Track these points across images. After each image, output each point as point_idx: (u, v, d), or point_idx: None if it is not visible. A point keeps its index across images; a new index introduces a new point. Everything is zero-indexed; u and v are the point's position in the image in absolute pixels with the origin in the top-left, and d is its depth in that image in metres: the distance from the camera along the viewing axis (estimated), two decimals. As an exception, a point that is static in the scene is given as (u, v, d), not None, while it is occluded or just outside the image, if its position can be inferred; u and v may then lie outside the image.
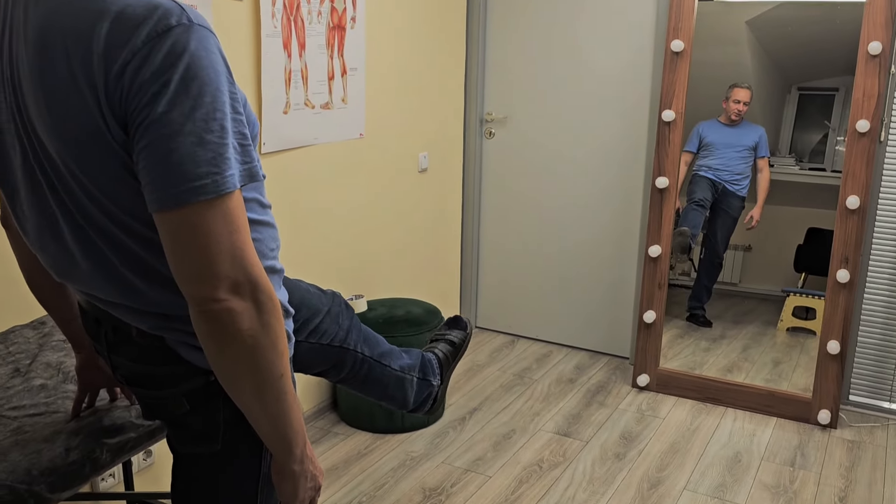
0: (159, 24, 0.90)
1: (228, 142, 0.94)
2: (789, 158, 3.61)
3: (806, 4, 3.29)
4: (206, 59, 0.92)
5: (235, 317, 0.95)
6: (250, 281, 0.96)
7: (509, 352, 3.80)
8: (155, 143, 0.91)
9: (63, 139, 0.96)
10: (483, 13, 3.71)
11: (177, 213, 0.92)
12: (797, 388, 3.25)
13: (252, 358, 0.98)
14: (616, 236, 3.65)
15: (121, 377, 1.19)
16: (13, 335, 1.81)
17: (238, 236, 0.95)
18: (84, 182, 0.98)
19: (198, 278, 0.94)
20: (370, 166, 3.18)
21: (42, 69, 0.94)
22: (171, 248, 0.94)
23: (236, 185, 0.95)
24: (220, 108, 0.93)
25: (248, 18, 2.47)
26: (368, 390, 1.69)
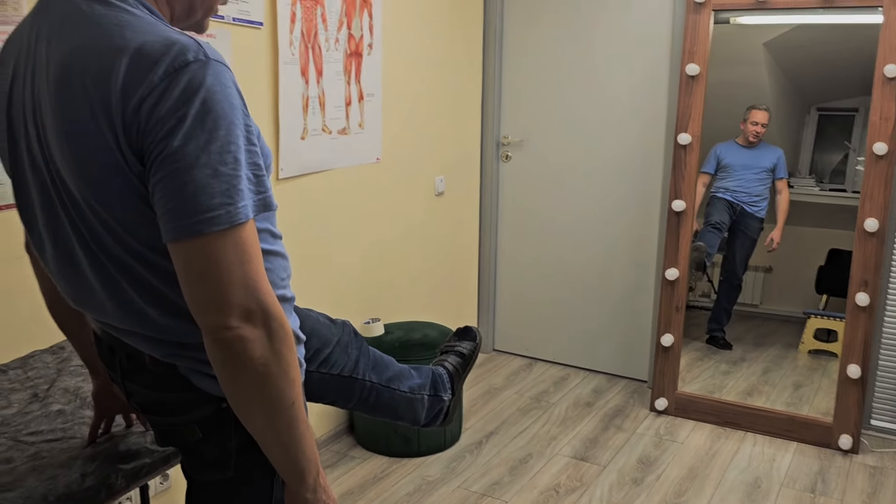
0: (176, 60, 0.93)
1: (242, 173, 0.96)
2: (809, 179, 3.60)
3: (822, 27, 3.29)
4: (221, 94, 0.95)
5: (248, 344, 0.96)
6: (262, 309, 0.97)
7: (527, 375, 3.79)
8: (171, 176, 0.93)
9: (82, 172, 0.98)
10: (499, 38, 3.74)
11: (191, 243, 0.94)
12: (818, 411, 3.21)
13: (264, 385, 0.99)
14: (633, 259, 3.65)
15: (135, 404, 1.20)
16: (33, 360, 1.84)
17: (251, 266, 0.97)
18: (101, 213, 1.01)
19: (211, 307, 0.95)
20: (387, 190, 3.21)
21: (63, 105, 0.97)
22: (185, 278, 0.96)
23: (249, 216, 0.97)
24: (234, 141, 0.95)
25: (266, 46, 2.52)
26: (379, 414, 1.70)
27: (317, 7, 2.67)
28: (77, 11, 0.99)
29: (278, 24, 2.52)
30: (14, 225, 1.88)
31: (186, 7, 1.09)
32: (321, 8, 2.69)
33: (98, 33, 0.96)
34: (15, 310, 1.93)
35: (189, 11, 1.10)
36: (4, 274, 1.90)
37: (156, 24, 0.98)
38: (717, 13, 3.19)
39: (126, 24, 0.97)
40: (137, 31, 0.96)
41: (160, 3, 1.07)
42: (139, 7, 1.01)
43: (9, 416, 1.55)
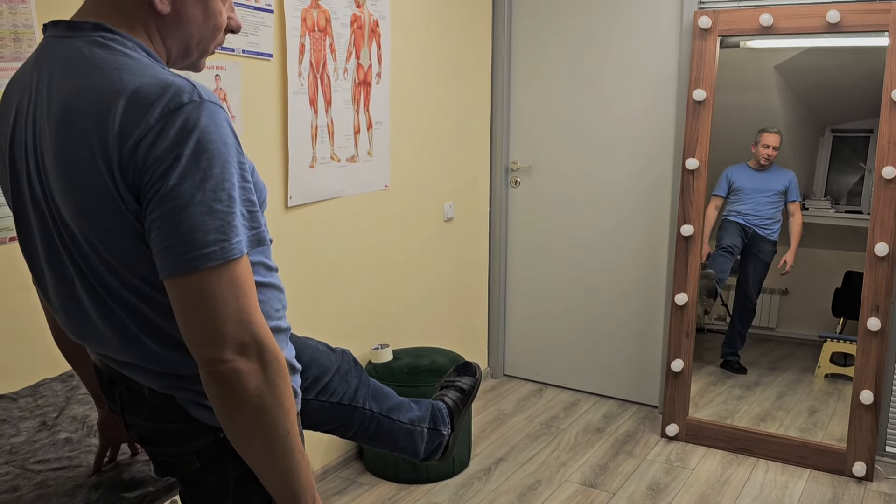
0: (172, 101, 0.96)
1: (237, 210, 0.99)
2: (824, 201, 3.58)
3: (832, 50, 3.30)
4: (215, 133, 0.97)
5: (242, 377, 0.98)
6: (256, 342, 0.99)
7: (537, 400, 3.78)
8: (167, 214, 0.96)
9: (81, 210, 1.01)
10: (507, 64, 3.77)
11: (187, 279, 0.96)
12: (833, 437, 3.18)
13: (259, 416, 1.01)
14: (643, 284, 3.64)
15: (135, 435, 1.22)
16: (42, 388, 1.86)
17: (245, 300, 0.99)
18: (100, 249, 1.03)
19: (206, 340, 0.98)
20: (396, 217, 3.23)
21: (62, 144, 1.00)
22: (180, 312, 0.99)
23: (243, 251, 0.99)
24: (228, 179, 0.98)
25: (275, 77, 2.56)
26: (379, 444, 1.71)
27: (325, 38, 2.72)
28: (78, 54, 1.02)
29: (287, 56, 2.57)
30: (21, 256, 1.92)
31: (182, 48, 1.12)
32: (330, 39, 2.74)
33: (97, 76, 0.99)
34: (25, 338, 1.96)
35: (185, 52, 1.13)
36: (15, 303, 1.93)
37: (153, 67, 1.01)
38: (723, 38, 3.21)
39: (124, 66, 1.00)
40: (135, 73, 0.99)
41: (157, 46, 1.10)
42: (137, 50, 1.04)
43: (17, 444, 1.57)
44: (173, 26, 1.09)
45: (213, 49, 1.16)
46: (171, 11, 1.07)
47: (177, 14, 1.08)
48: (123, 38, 1.04)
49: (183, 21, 1.09)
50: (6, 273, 1.90)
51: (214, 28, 1.13)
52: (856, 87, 3.33)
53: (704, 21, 3.16)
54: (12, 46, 1.84)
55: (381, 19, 2.97)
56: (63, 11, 1.91)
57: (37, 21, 1.87)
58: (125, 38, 1.04)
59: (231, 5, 1.16)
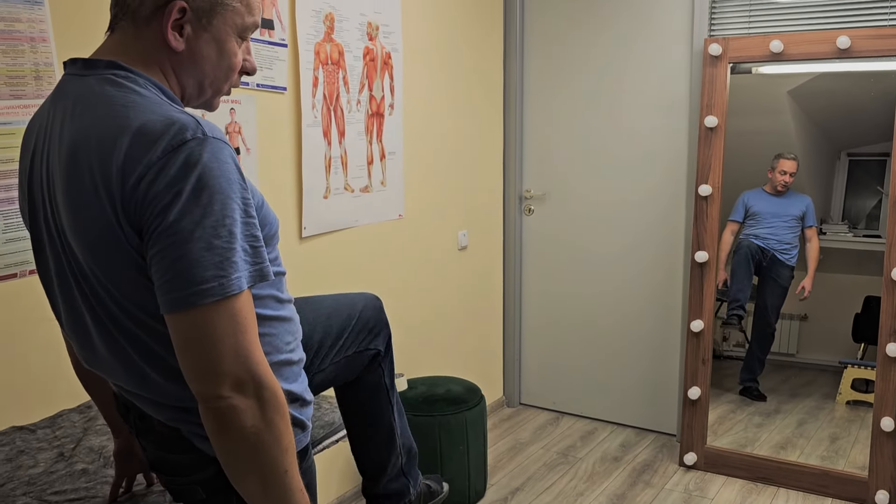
0: (175, 138, 0.97)
1: (237, 246, 0.99)
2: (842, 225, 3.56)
3: (844, 74, 3.31)
4: (217, 170, 0.98)
5: (239, 414, 0.99)
6: (254, 378, 1.00)
7: (553, 429, 3.76)
8: (166, 250, 0.97)
9: (88, 245, 1.03)
10: (519, 93, 3.81)
11: (185, 315, 0.97)
12: (855, 465, 3.13)
13: (256, 454, 1.01)
14: (659, 311, 3.63)
15: (149, 460, 1.24)
16: (61, 419, 1.88)
17: (244, 336, 0.99)
18: (105, 283, 1.05)
19: (203, 376, 0.98)
20: (410, 246, 3.25)
21: (71, 180, 1.03)
22: (179, 348, 0.99)
23: (243, 287, 0.99)
24: (229, 215, 0.98)
25: (289, 110, 2.60)
26: (358, 420, 1.67)
27: (339, 71, 2.76)
28: (90, 92, 1.05)
29: (301, 89, 2.61)
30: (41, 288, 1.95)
31: (196, 87, 1.14)
32: (343, 71, 2.78)
33: (105, 113, 1.02)
34: (44, 370, 1.98)
35: (199, 91, 1.15)
36: (33, 335, 1.96)
37: (160, 104, 1.03)
38: (734, 65, 3.22)
39: (132, 104, 1.02)
40: (142, 110, 1.01)
41: (172, 83, 1.12)
42: (149, 87, 1.06)
43: (35, 475, 1.59)
44: (188, 64, 1.11)
45: (227, 89, 1.18)
46: (186, 49, 1.09)
47: (191, 52, 1.10)
48: (136, 75, 1.06)
49: (197, 59, 1.11)
50: (25, 305, 1.93)
51: (228, 68, 1.14)
52: (870, 111, 3.33)
53: (715, 48, 3.18)
54: (33, 84, 1.88)
55: (393, 51, 3.01)
56: (82, 49, 1.96)
57: (57, 59, 1.92)
58: (138, 75, 1.07)
59: (248, 48, 1.18)
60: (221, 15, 1.10)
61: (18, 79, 1.85)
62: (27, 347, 1.96)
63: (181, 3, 1.06)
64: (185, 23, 1.08)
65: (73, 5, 1.97)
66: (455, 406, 2.94)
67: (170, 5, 1.06)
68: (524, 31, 3.78)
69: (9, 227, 1.87)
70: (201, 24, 1.09)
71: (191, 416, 1.11)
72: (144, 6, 1.07)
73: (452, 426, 2.88)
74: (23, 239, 1.89)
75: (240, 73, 1.18)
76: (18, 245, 1.89)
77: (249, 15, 1.13)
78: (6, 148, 1.85)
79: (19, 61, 1.85)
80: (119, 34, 1.10)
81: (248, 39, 1.18)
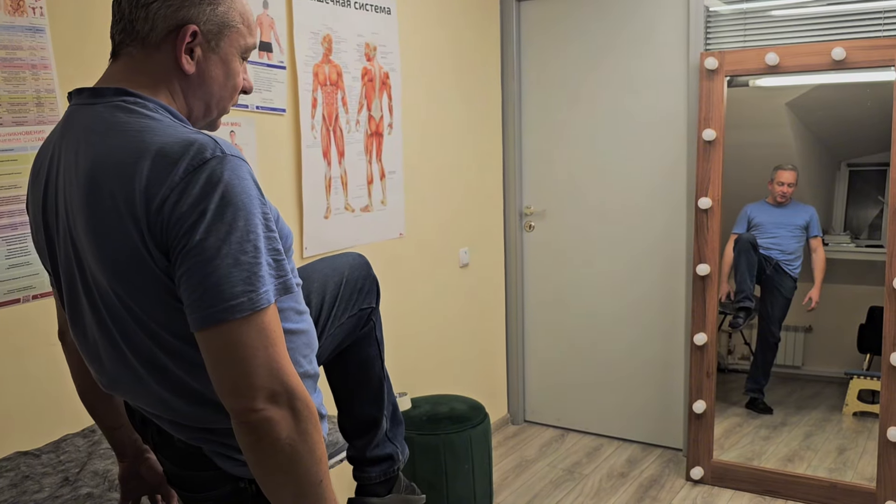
0: (195, 158, 0.99)
1: (262, 260, 1.01)
2: (844, 236, 3.56)
3: (841, 85, 3.33)
4: (238, 187, 1.00)
5: (274, 426, 0.99)
6: (287, 390, 1.00)
7: (559, 446, 3.74)
8: (195, 268, 0.98)
9: (111, 268, 1.04)
10: (518, 110, 3.83)
11: (216, 331, 0.98)
12: (863, 477, 3.11)
13: (291, 465, 1.01)
14: (662, 325, 3.62)
15: (167, 475, 1.25)
16: (65, 444, 1.88)
17: (274, 349, 1.00)
18: (130, 305, 1.06)
19: (237, 391, 0.99)
20: (411, 264, 3.26)
21: (91, 207, 1.03)
22: (211, 364, 1.00)
23: (271, 301, 1.01)
24: (253, 230, 1.00)
25: (288, 131, 2.62)
26: (348, 374, 1.63)
27: (337, 92, 2.78)
28: (101, 120, 1.06)
29: (300, 110, 2.63)
30: (46, 313, 1.95)
31: (203, 108, 1.16)
32: (342, 92, 2.80)
33: (121, 139, 1.03)
34: (47, 395, 1.98)
35: (206, 112, 1.17)
36: (38, 360, 1.96)
37: (174, 126, 1.04)
38: (731, 78, 3.24)
39: (147, 128, 1.03)
40: (158, 134, 1.02)
41: (180, 105, 1.14)
42: (159, 111, 1.08)
43: (40, 500, 1.59)
44: (197, 86, 1.13)
45: (228, 108, 1.20)
46: (196, 71, 1.12)
47: (201, 74, 1.12)
48: (146, 100, 1.08)
49: (206, 81, 1.13)
50: (29, 330, 1.94)
51: (233, 88, 1.17)
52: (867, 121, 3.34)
53: (711, 62, 3.20)
54: (35, 111, 1.90)
55: (391, 71, 3.03)
56: (84, 76, 1.98)
57: (59, 86, 1.94)
58: (147, 100, 1.08)
59: (245, 67, 1.20)
60: (228, 36, 1.12)
61: (20, 106, 1.87)
62: (31, 373, 1.96)
63: (193, 27, 1.09)
64: (196, 46, 1.10)
65: (74, 33, 1.99)
66: (459, 424, 2.93)
67: (182, 29, 1.08)
68: (521, 48, 3.81)
69: (12, 252, 1.88)
70: (210, 47, 1.11)
71: (214, 435, 1.12)
72: (156, 31, 1.09)
73: (457, 445, 2.87)
74: (25, 265, 1.90)
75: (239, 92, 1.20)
76: (22, 271, 1.90)
77: (251, 36, 1.16)
78: (9, 174, 1.86)
79: (21, 88, 1.87)
80: (125, 60, 1.12)
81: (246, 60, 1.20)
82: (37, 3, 1.89)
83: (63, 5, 1.96)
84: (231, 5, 1.12)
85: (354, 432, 1.67)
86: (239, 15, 1.13)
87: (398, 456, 1.70)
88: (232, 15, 1.12)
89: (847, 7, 3.09)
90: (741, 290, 3.48)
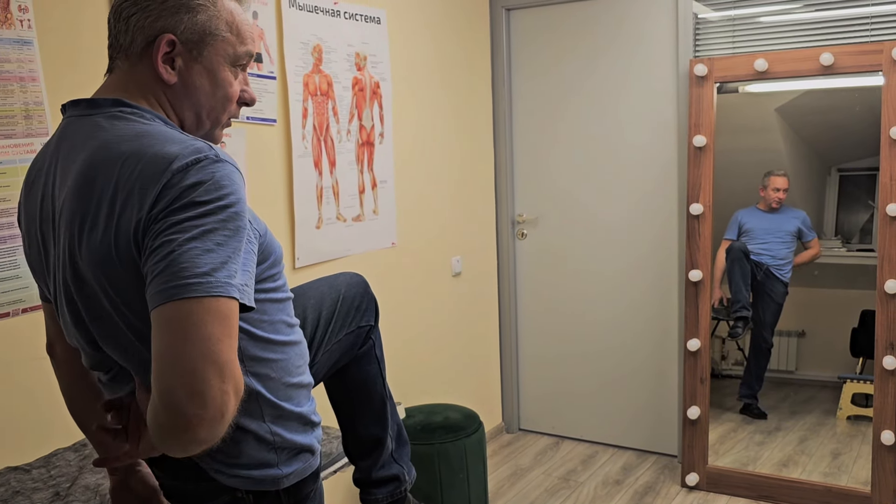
0: (190, 157, 0.99)
1: (238, 260, 0.98)
2: (835, 240, 3.58)
3: (830, 91, 3.34)
4: (229, 188, 0.99)
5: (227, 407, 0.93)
6: (235, 382, 0.94)
7: (554, 454, 3.73)
8: (165, 247, 0.94)
9: (101, 266, 1.03)
10: (509, 118, 3.84)
11: (174, 306, 0.92)
12: (858, 481, 3.12)
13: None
14: (655, 331, 3.63)
15: (163, 488, 1.25)
16: (55, 458, 1.87)
17: (229, 342, 0.94)
18: (117, 303, 1.05)
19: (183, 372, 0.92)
20: (403, 273, 3.25)
21: (84, 203, 1.03)
22: (159, 340, 0.94)
23: (237, 296, 0.96)
24: (236, 235, 0.98)
25: (279, 141, 2.62)
26: (349, 395, 1.62)
27: (328, 101, 2.78)
28: (98, 128, 1.07)
29: (291, 120, 2.63)
30: (36, 327, 1.94)
31: (194, 118, 1.15)
32: (332, 102, 2.80)
33: (117, 144, 1.03)
34: (38, 409, 1.97)
35: (198, 122, 1.16)
36: (28, 374, 1.95)
37: (171, 133, 1.05)
38: (721, 84, 3.26)
39: (144, 133, 1.03)
40: (155, 138, 1.02)
41: (170, 115, 1.14)
42: (155, 120, 1.08)
43: (29, 516, 1.57)
44: (182, 95, 1.12)
45: (226, 119, 1.19)
46: (179, 81, 1.11)
47: (184, 84, 1.12)
48: (142, 110, 1.08)
49: (190, 90, 1.12)
50: (19, 344, 1.92)
51: (224, 98, 1.15)
52: (856, 126, 3.36)
53: (700, 68, 3.21)
54: (23, 124, 1.89)
55: (381, 81, 3.04)
56: (73, 88, 1.97)
57: (47, 99, 1.93)
58: (143, 110, 1.08)
59: (245, 79, 1.19)
60: (212, 45, 1.11)
61: (8, 118, 1.86)
62: (21, 387, 1.94)
63: (169, 37, 1.08)
64: (176, 55, 1.10)
65: (62, 45, 1.99)
66: (454, 434, 2.92)
67: (157, 39, 1.08)
68: (511, 57, 3.82)
69: (1, 266, 1.87)
70: (192, 56, 1.11)
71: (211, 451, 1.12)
72: (136, 43, 1.09)
73: (452, 454, 2.86)
74: (15, 278, 1.89)
75: (239, 104, 1.19)
76: (11, 284, 1.89)
77: (241, 44, 1.14)
78: (-3, 187, 1.85)
79: (9, 101, 1.86)
80: (117, 73, 1.12)
81: (246, 70, 1.19)
82: (25, 15, 1.88)
83: (51, 18, 1.96)
84: (214, 14, 1.11)
85: (359, 453, 1.66)
86: (225, 24, 1.12)
87: (404, 477, 1.69)
88: (215, 24, 1.11)
89: (835, 13, 3.12)
90: (737, 299, 3.49)
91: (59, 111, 1.95)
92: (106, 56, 1.17)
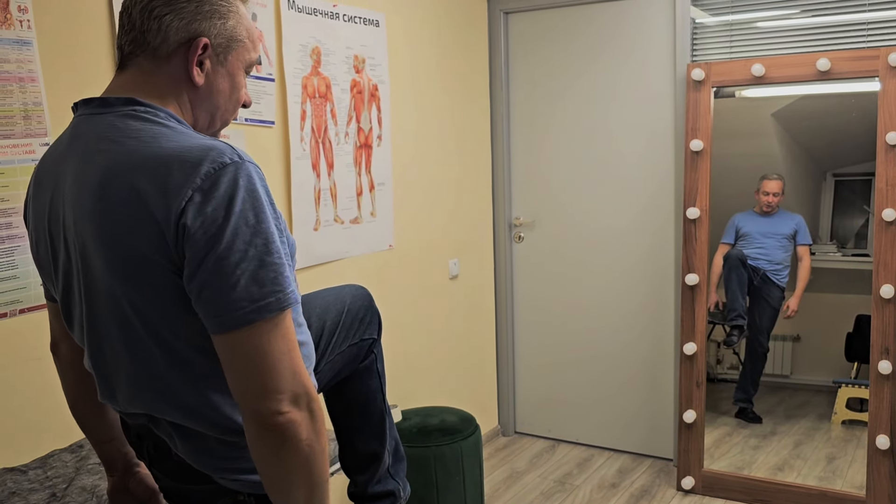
0: (215, 162, 1.00)
1: (284, 262, 1.02)
2: (831, 245, 3.58)
3: (826, 96, 3.35)
4: (257, 191, 1.01)
5: (297, 427, 1.01)
6: (307, 392, 1.02)
7: (549, 457, 3.73)
8: (221, 272, 0.98)
9: (123, 273, 1.03)
10: (506, 121, 3.84)
11: (244, 333, 0.99)
12: (853, 485, 3.12)
13: (308, 464, 1.03)
14: (651, 335, 3.63)
15: (164, 490, 1.25)
16: (52, 459, 1.86)
17: (295, 352, 1.02)
18: (143, 311, 1.05)
19: (263, 394, 1.00)
20: (401, 276, 3.25)
21: (104, 211, 1.03)
22: (234, 367, 1.01)
23: (298, 299, 1.03)
24: (273, 232, 1.02)
25: (278, 143, 2.62)
26: (349, 408, 1.63)
27: (326, 104, 2.78)
28: (112, 128, 1.06)
29: (289, 123, 2.63)
30: (33, 327, 1.94)
31: (208, 119, 1.17)
32: (330, 104, 2.80)
33: (135, 145, 1.03)
34: (35, 410, 1.97)
35: (210, 123, 1.18)
36: (25, 375, 1.94)
37: (188, 133, 1.05)
38: (718, 89, 3.27)
39: (162, 135, 1.04)
40: (173, 140, 1.03)
41: (187, 115, 1.15)
42: (170, 119, 1.09)
43: (26, 517, 1.57)
44: (205, 98, 1.14)
45: (230, 120, 1.22)
46: (205, 83, 1.13)
47: (209, 86, 1.14)
48: (157, 109, 1.09)
49: (213, 93, 1.15)
50: (17, 345, 1.92)
51: (237, 101, 1.19)
52: (852, 131, 3.37)
53: (697, 73, 3.22)
54: (22, 124, 1.89)
55: (380, 83, 3.04)
56: (72, 89, 1.97)
57: (46, 99, 1.93)
58: (158, 109, 1.09)
59: (245, 82, 1.21)
60: (236, 50, 1.15)
61: (7, 118, 1.86)
62: (18, 387, 1.94)
63: (205, 40, 1.10)
64: (206, 58, 1.12)
65: (61, 46, 1.99)
66: (450, 436, 2.92)
67: (195, 42, 1.10)
68: (509, 60, 3.83)
69: (0, 266, 1.86)
70: (219, 60, 1.13)
71: (213, 454, 1.13)
72: (168, 43, 1.10)
73: (448, 457, 2.86)
74: (13, 279, 1.89)
75: None
76: (9, 284, 1.88)
77: (255, 51, 1.19)
78: (-5, 187, 1.85)
79: (8, 101, 1.86)
80: (133, 70, 1.12)
81: None
82: (24, 16, 1.88)
83: (50, 18, 1.96)
84: (239, 20, 1.14)
85: (356, 467, 1.67)
86: (245, 30, 1.16)
87: (400, 493, 1.70)
88: (239, 30, 1.15)
89: (832, 19, 3.13)
90: (733, 308, 3.50)
91: (58, 112, 1.95)
92: (106, 56, 1.18)
